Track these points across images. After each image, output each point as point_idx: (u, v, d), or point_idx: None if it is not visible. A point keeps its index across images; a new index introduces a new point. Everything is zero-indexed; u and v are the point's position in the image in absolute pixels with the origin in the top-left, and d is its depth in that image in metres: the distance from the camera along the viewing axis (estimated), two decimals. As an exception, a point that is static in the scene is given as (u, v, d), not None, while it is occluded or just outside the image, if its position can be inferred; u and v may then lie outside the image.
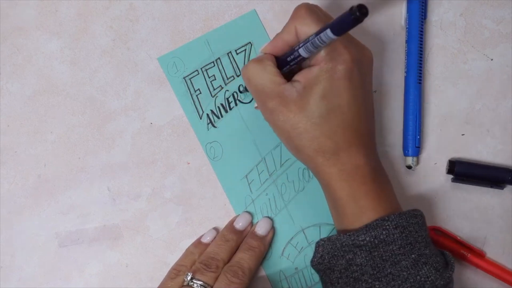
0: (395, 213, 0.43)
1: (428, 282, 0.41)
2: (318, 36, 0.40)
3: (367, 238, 0.42)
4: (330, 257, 0.44)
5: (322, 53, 0.43)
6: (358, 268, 0.43)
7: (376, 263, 0.42)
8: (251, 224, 0.51)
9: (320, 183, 0.46)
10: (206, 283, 0.46)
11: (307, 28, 0.43)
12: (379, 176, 0.45)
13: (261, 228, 0.50)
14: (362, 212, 0.43)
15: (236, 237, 0.50)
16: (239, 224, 0.51)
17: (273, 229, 0.51)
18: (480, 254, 0.51)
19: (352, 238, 0.43)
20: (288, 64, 0.45)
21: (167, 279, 0.48)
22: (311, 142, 0.43)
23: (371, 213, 0.43)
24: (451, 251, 0.50)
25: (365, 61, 0.45)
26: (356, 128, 0.44)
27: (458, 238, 0.51)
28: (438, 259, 0.43)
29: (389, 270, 0.42)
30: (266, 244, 0.50)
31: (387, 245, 0.42)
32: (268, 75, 0.45)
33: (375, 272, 0.42)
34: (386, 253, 0.42)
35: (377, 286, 0.42)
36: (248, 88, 0.47)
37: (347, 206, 0.44)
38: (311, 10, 0.44)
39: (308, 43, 0.41)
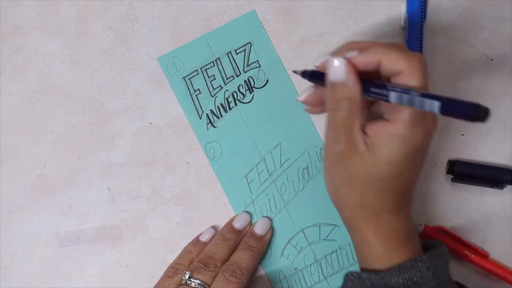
0: (426, 253, 0.42)
1: None
2: (422, 99, 0.36)
3: (400, 280, 0.41)
4: None
5: (406, 115, 0.39)
6: None
7: None
8: (250, 224, 0.51)
9: (353, 234, 0.44)
10: (204, 282, 0.46)
11: (414, 81, 0.39)
12: (410, 232, 0.43)
13: (260, 228, 0.50)
14: (393, 260, 0.42)
15: (234, 237, 0.50)
16: (238, 224, 0.51)
17: (271, 229, 0.51)
18: (484, 255, 0.50)
19: (384, 280, 0.41)
20: (369, 92, 0.40)
21: (165, 277, 0.48)
22: (360, 197, 0.42)
23: (401, 258, 0.42)
24: (455, 251, 0.50)
25: (434, 131, 0.42)
26: (405, 193, 0.43)
27: (462, 238, 0.50)
28: None
29: None
30: (265, 244, 0.50)
31: (419, 286, 0.41)
32: None
33: None
34: None
35: None
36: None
37: (379, 260, 0.42)
38: (425, 67, 0.39)
39: (405, 95, 0.37)
